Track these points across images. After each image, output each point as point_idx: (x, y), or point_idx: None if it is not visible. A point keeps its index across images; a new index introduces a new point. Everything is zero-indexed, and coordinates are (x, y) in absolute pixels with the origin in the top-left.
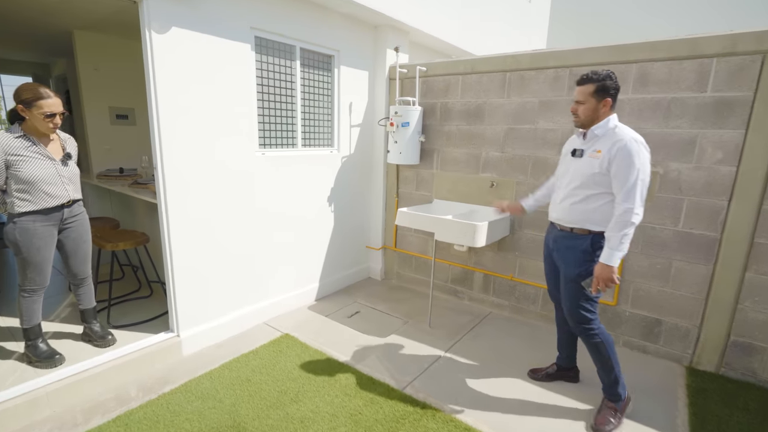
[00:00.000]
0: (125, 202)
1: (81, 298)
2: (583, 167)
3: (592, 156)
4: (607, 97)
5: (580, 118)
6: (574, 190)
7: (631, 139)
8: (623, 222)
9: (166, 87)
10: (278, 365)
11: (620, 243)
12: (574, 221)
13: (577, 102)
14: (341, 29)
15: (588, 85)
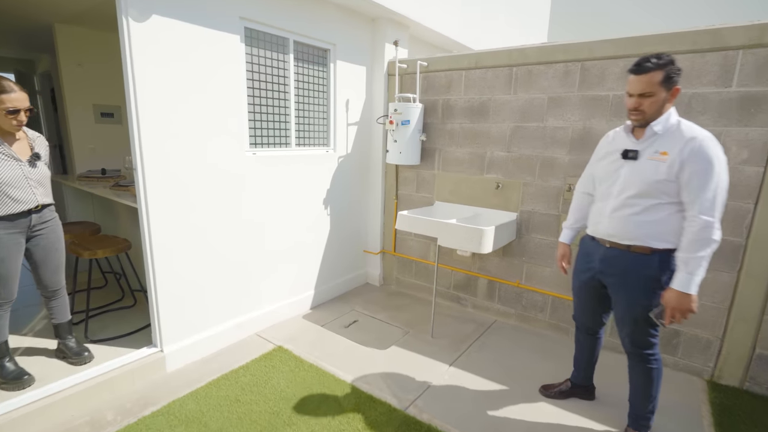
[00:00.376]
0: (107, 206)
1: (54, 311)
2: (643, 172)
3: (655, 158)
4: (676, 86)
5: (646, 114)
6: (630, 200)
7: (707, 138)
8: (703, 240)
9: (146, 81)
10: (270, 382)
11: (700, 266)
12: (632, 237)
13: (641, 95)
14: (337, 21)
15: (655, 72)
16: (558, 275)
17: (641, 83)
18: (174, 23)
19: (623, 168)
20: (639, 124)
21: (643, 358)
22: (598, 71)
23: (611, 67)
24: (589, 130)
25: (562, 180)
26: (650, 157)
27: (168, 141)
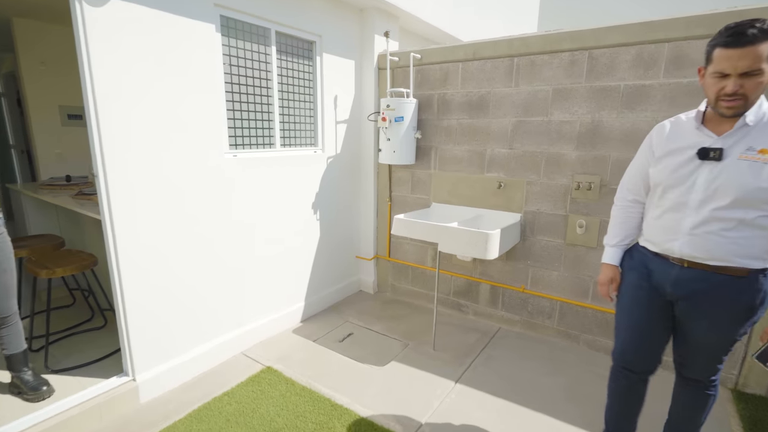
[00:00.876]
0: (72, 217)
1: (5, 341)
2: (738, 176)
3: (751, 158)
4: None
5: (749, 99)
6: (720, 211)
7: None
8: None
9: (107, 76)
10: (259, 411)
11: None
12: (724, 257)
13: (744, 75)
14: (323, 11)
15: (764, 44)
16: (567, 279)
17: (747, 58)
18: (137, 8)
19: (701, 171)
20: (735, 114)
21: (709, 385)
22: (608, 60)
23: (622, 54)
24: (599, 123)
25: (569, 177)
26: (745, 156)
27: (134, 144)
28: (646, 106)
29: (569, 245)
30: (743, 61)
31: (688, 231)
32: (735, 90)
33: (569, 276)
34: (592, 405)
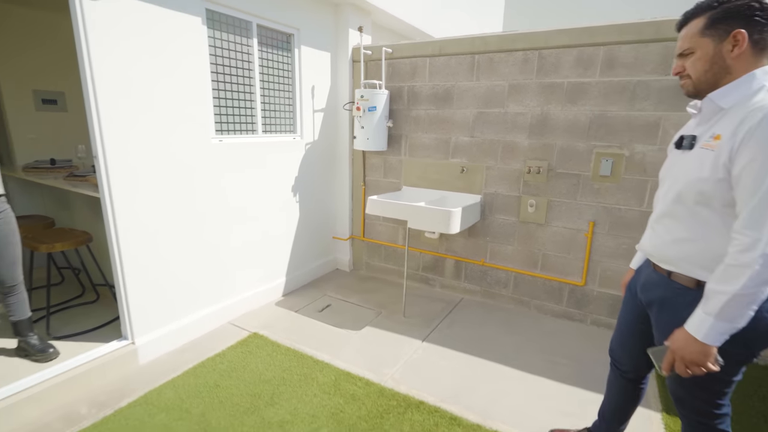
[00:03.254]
0: (60, 198)
1: (12, 308)
2: (691, 167)
3: (706, 146)
4: (740, 28)
5: (692, 78)
6: (672, 206)
7: None
8: (741, 267)
9: (104, 66)
10: (249, 367)
11: (728, 306)
12: (670, 260)
13: (681, 55)
14: (300, 6)
15: (694, 21)
16: (520, 252)
17: (679, 39)
18: (131, 3)
19: (677, 162)
20: (689, 94)
21: (697, 426)
22: (554, 59)
23: (565, 55)
24: (547, 114)
25: (522, 163)
26: (704, 144)
27: (130, 129)
28: (585, 100)
29: (522, 222)
30: (679, 43)
31: (650, 224)
32: (676, 71)
33: (522, 249)
34: (539, 357)
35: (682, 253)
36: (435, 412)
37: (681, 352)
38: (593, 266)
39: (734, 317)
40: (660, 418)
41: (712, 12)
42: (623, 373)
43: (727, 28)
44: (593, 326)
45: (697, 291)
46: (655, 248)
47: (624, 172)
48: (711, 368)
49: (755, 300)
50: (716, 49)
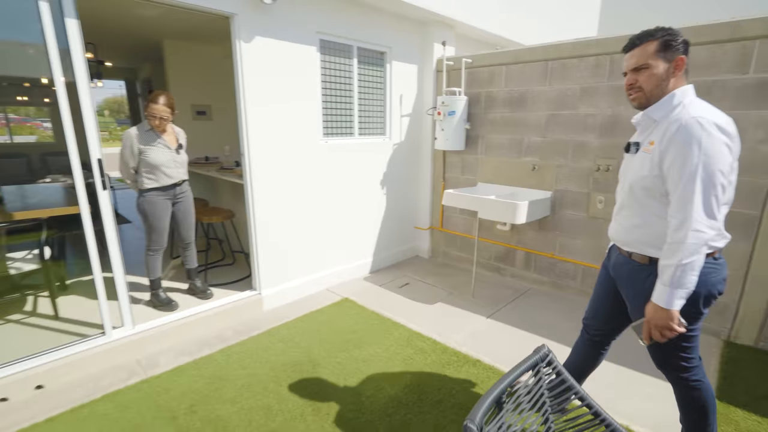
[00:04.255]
0: (211, 184)
1: (187, 259)
2: (636, 168)
3: (645, 150)
4: (682, 55)
5: (644, 90)
6: (629, 201)
7: (692, 120)
8: (675, 244)
9: (251, 87)
10: (341, 321)
11: (676, 275)
12: (629, 243)
13: (635, 70)
14: (392, 28)
15: (647, 43)
16: (589, 247)
17: (634, 57)
18: (269, 41)
19: (628, 163)
20: (639, 106)
21: (678, 381)
22: None
23: None
24: (618, 115)
25: (592, 161)
26: (644, 148)
27: (264, 133)
28: None
29: (591, 218)
30: (633, 59)
31: (613, 215)
32: (630, 83)
33: (590, 243)
34: None
35: (636, 237)
36: (489, 369)
37: (653, 321)
38: None
39: (683, 283)
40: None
41: (663, 39)
42: (592, 337)
43: (673, 54)
44: None
45: (650, 266)
46: (618, 234)
47: None
48: (678, 329)
49: (695, 266)
50: (665, 69)
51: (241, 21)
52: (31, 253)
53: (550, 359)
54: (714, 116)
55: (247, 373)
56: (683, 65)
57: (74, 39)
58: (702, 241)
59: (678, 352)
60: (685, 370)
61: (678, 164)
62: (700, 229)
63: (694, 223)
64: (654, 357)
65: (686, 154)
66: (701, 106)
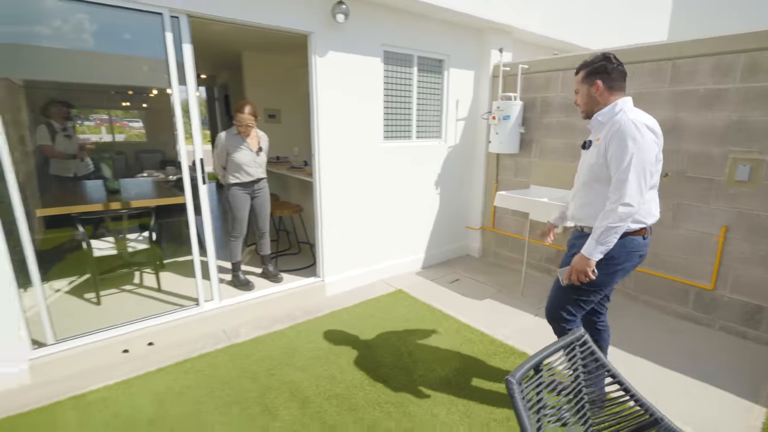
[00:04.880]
0: (282, 181)
1: (262, 246)
2: (588, 159)
3: (595, 145)
4: (597, 80)
5: (580, 106)
6: (582, 186)
7: (629, 121)
8: (611, 211)
9: (323, 95)
10: (395, 310)
11: (603, 234)
12: (582, 219)
13: (575, 92)
14: (451, 36)
15: (578, 74)
16: None
17: (574, 83)
18: (340, 55)
19: (583, 158)
20: (583, 117)
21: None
22: (689, 68)
23: (701, 64)
24: (678, 120)
25: None
26: (594, 144)
27: (332, 136)
28: (723, 106)
29: None
30: (574, 84)
31: (571, 200)
32: (575, 101)
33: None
34: (645, 345)
35: (586, 213)
36: None
37: (576, 266)
38: (724, 271)
39: (606, 241)
40: (764, 412)
41: (585, 70)
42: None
43: (593, 78)
44: (721, 332)
45: None
46: (576, 212)
47: (765, 178)
48: (591, 275)
49: (618, 231)
50: (589, 91)
51: (317, 38)
52: (141, 235)
53: (584, 340)
54: (645, 119)
55: (313, 347)
56: (600, 88)
57: (188, 60)
58: (629, 213)
59: (567, 306)
60: (566, 321)
61: (618, 154)
62: (630, 203)
63: (626, 198)
64: (549, 308)
65: (624, 147)
66: (636, 112)
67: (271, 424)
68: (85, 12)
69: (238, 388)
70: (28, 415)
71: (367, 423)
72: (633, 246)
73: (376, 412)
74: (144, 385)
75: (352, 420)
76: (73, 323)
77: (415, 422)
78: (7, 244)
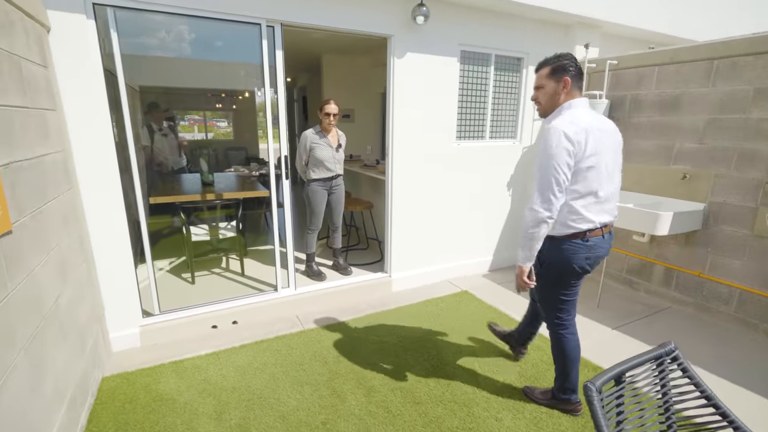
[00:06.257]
0: (355, 178)
1: (334, 240)
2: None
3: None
4: (566, 77)
5: (542, 104)
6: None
7: (551, 127)
8: (522, 219)
9: (399, 96)
10: (460, 310)
11: (521, 242)
12: None
13: (536, 88)
14: (532, 34)
15: (543, 68)
16: (750, 269)
17: (536, 78)
18: (417, 56)
19: None
20: (541, 116)
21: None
22: None
23: None
24: None
25: (763, 172)
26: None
27: (406, 135)
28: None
29: (757, 236)
30: (535, 80)
31: None
32: (533, 98)
33: (754, 266)
34: (749, 376)
35: None
36: None
37: (516, 274)
38: None
39: (525, 246)
40: None
41: (553, 65)
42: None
43: (561, 75)
44: None
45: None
46: None
47: None
48: (527, 282)
49: (534, 237)
50: (555, 88)
51: (396, 40)
52: (229, 224)
53: (675, 355)
54: (566, 127)
55: (379, 339)
56: (569, 84)
57: (280, 65)
58: (537, 219)
59: (554, 311)
60: (557, 324)
61: (535, 161)
62: (536, 209)
63: (532, 204)
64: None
65: (539, 153)
66: (566, 118)
67: (339, 406)
68: (195, 24)
69: (309, 370)
70: (141, 372)
71: (431, 417)
72: (572, 249)
73: (440, 408)
74: (229, 358)
75: (417, 413)
76: (172, 298)
77: (479, 424)
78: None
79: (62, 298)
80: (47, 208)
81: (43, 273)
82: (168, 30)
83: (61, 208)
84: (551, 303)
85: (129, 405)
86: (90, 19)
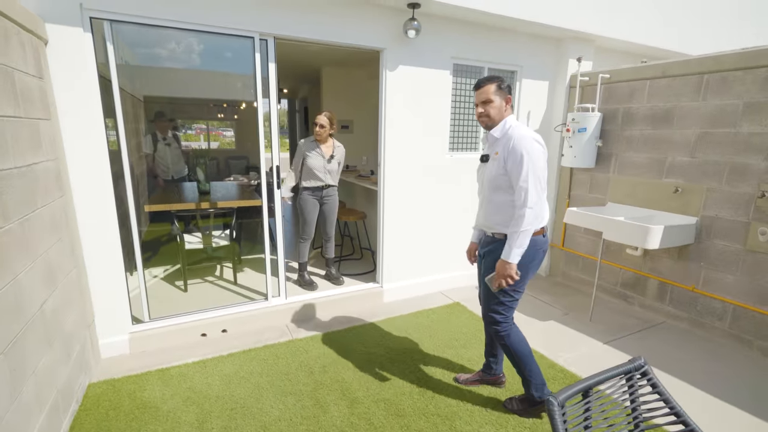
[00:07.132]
0: (350, 188)
1: (327, 250)
2: (488, 172)
3: (494, 158)
4: (509, 95)
5: (491, 117)
6: (488, 196)
7: (521, 136)
8: (520, 217)
9: (391, 107)
10: (451, 322)
11: (519, 239)
12: (492, 227)
13: (483, 103)
14: (524, 47)
15: (488, 85)
16: (743, 284)
17: (482, 93)
18: (409, 68)
19: (484, 170)
20: (486, 128)
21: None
22: None
23: None
24: None
25: (754, 186)
26: (492, 157)
27: (398, 146)
28: None
29: (749, 251)
30: (482, 96)
31: (479, 209)
32: (479, 112)
33: (747, 281)
34: (741, 393)
35: (496, 221)
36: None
37: (500, 271)
38: None
39: (522, 244)
40: None
41: (496, 82)
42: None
43: (504, 93)
44: None
45: (505, 239)
46: (485, 221)
47: None
48: (515, 277)
49: (528, 233)
50: (501, 103)
51: (388, 53)
52: (223, 233)
53: (645, 371)
54: (533, 134)
55: (366, 350)
56: (510, 101)
57: (272, 76)
58: (533, 216)
59: (499, 308)
60: (498, 323)
61: (516, 166)
62: (533, 207)
63: (530, 203)
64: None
65: (521, 159)
66: (525, 128)
67: (321, 417)
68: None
69: (294, 380)
70: (127, 379)
71: (412, 430)
72: (538, 245)
73: (422, 422)
74: (215, 366)
75: (398, 426)
76: (164, 306)
77: None
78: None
79: (48, 303)
80: (36, 215)
81: (28, 279)
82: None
83: (52, 215)
84: (501, 298)
85: (113, 412)
86: (87, 32)
